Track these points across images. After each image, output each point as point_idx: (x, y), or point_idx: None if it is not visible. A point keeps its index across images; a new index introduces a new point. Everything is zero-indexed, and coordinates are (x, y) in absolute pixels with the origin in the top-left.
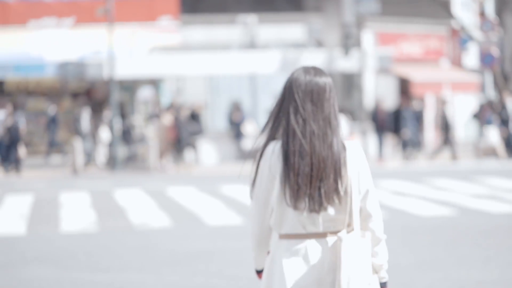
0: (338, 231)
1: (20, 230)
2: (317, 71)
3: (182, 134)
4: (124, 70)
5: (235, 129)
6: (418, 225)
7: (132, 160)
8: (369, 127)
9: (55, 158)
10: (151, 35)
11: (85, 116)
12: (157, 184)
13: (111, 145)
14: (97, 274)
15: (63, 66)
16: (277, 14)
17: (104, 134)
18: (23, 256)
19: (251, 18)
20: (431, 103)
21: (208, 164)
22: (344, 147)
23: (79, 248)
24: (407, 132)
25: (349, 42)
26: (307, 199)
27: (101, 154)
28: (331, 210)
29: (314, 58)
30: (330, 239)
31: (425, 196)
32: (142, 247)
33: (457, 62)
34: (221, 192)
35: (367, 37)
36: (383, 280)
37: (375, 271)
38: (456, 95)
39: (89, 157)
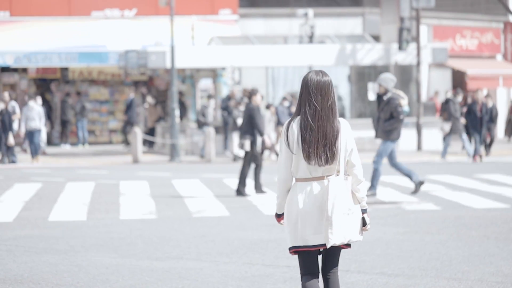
0: (331, 175)
1: (80, 216)
2: (323, 73)
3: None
4: (184, 60)
5: None
6: (471, 218)
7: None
8: (430, 120)
9: (117, 147)
10: (211, 27)
11: (212, 106)
12: (214, 174)
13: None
14: (155, 261)
15: (125, 55)
16: (335, 8)
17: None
18: (83, 242)
19: (309, 12)
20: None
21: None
22: (339, 123)
23: (137, 235)
24: None
25: (405, 36)
26: (316, 159)
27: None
28: (330, 164)
29: (371, 51)
30: (326, 181)
31: (478, 189)
32: (199, 235)
33: None
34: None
35: (423, 31)
36: (364, 208)
37: (358, 202)
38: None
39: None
